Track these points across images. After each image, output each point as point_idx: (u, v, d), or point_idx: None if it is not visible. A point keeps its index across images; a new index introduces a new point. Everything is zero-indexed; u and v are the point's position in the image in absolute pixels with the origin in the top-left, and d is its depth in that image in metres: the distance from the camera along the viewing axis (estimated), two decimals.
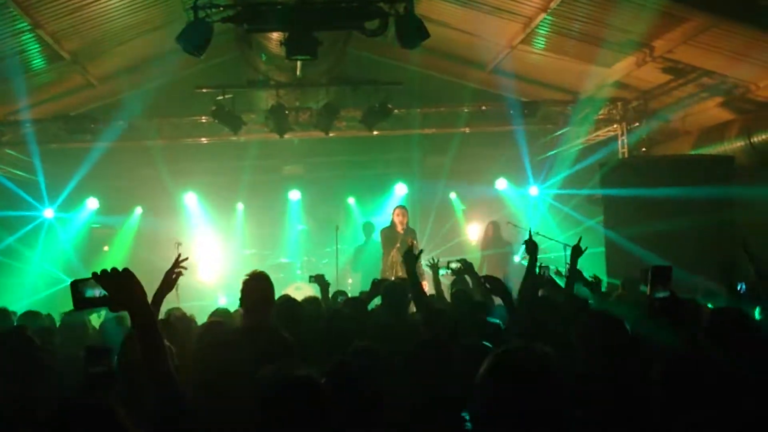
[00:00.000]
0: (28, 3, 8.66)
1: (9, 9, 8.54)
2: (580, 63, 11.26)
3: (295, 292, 9.16)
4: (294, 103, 12.67)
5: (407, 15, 7.78)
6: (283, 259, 14.06)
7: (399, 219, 10.60)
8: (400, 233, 10.46)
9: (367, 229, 12.90)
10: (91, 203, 14.33)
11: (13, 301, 9.84)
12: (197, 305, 10.25)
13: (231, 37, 11.28)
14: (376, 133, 12.87)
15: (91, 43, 10.60)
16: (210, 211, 15.00)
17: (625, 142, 12.69)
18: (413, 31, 7.85)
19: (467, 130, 13.13)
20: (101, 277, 2.49)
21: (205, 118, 12.47)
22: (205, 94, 11.76)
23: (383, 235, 10.74)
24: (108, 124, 12.44)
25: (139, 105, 12.52)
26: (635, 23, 9.34)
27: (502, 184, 14.57)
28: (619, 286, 7.83)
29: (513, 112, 12.51)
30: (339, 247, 12.44)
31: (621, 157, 12.47)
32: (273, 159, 15.23)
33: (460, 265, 6.69)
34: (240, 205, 15.27)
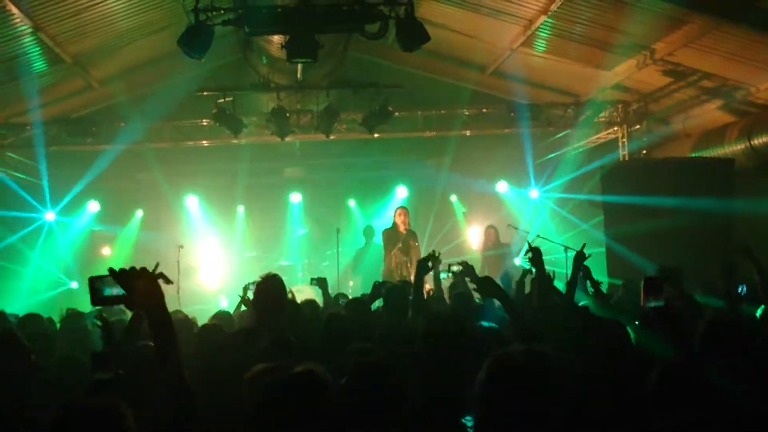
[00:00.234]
0: (29, 6, 8.68)
1: (10, 12, 8.55)
2: (580, 66, 11.27)
3: (296, 295, 9.14)
4: (295, 106, 12.68)
5: (408, 18, 7.78)
6: (283, 262, 14.05)
7: (401, 219, 10.58)
8: (402, 233, 10.42)
9: (367, 232, 12.90)
10: (92, 206, 14.31)
11: (10, 303, 9.84)
12: (198, 309, 10.23)
13: (232, 40, 11.30)
14: (376, 135, 12.89)
15: (92, 46, 10.60)
16: (211, 213, 15.01)
17: (626, 144, 12.70)
18: (414, 34, 7.86)
19: (468, 132, 13.14)
20: (119, 275, 2.44)
21: (206, 121, 12.51)
22: (206, 96, 11.79)
23: (385, 236, 10.71)
24: (109, 127, 12.48)
25: (139, 108, 12.55)
26: (636, 26, 9.34)
27: (502, 186, 14.57)
28: (621, 287, 7.81)
29: (513, 114, 12.53)
30: (340, 249, 12.44)
31: (621, 160, 12.48)
32: (274, 162, 15.25)
33: (461, 268, 6.66)
34: (241, 208, 15.28)
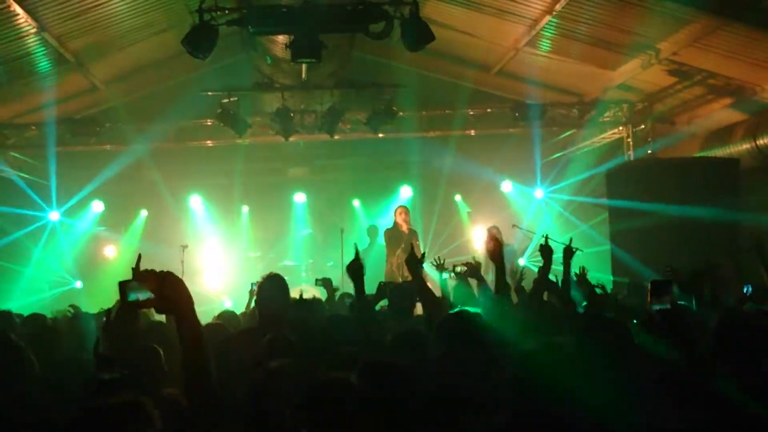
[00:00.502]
0: (33, 6, 8.68)
1: (15, 12, 8.56)
2: (585, 65, 11.26)
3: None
4: (299, 106, 12.67)
5: (412, 17, 7.78)
6: (288, 262, 14.03)
7: (402, 218, 10.54)
8: (405, 233, 10.37)
9: (371, 232, 12.89)
10: (96, 206, 14.31)
11: (14, 302, 9.85)
12: (201, 310, 10.18)
13: (236, 40, 11.30)
14: (381, 135, 12.88)
15: (96, 46, 10.61)
16: (215, 213, 14.99)
17: (631, 144, 12.67)
18: (419, 34, 7.86)
19: (472, 132, 13.12)
20: (147, 278, 2.36)
21: (211, 121, 12.51)
22: (211, 96, 11.79)
23: (387, 236, 10.69)
24: (113, 128, 12.48)
25: (144, 108, 12.55)
26: (641, 26, 9.32)
27: (507, 186, 14.54)
28: (626, 287, 7.80)
29: (518, 114, 12.50)
30: (344, 249, 12.41)
31: (626, 159, 12.44)
32: (278, 162, 15.25)
33: (465, 269, 6.64)
34: (245, 208, 15.26)
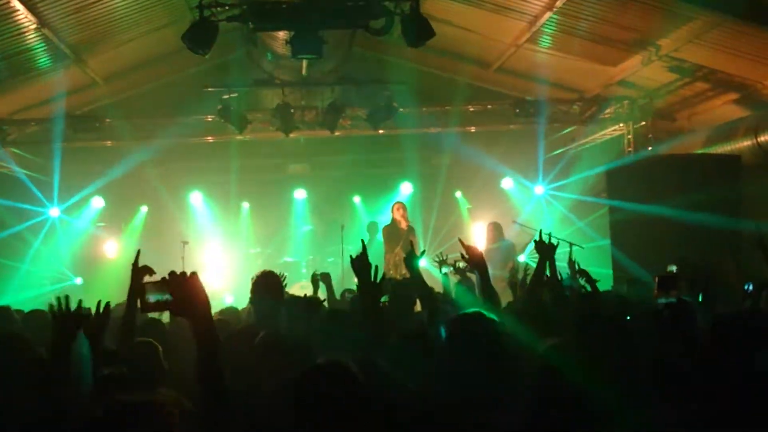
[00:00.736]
0: (33, 2, 8.65)
1: (15, 8, 8.54)
2: (586, 62, 11.24)
3: (301, 292, 9.14)
4: (299, 102, 12.67)
5: (413, 14, 7.77)
6: (288, 258, 14.06)
7: (400, 213, 10.48)
8: (403, 230, 10.31)
9: (371, 229, 12.89)
10: (97, 202, 14.30)
11: (13, 297, 9.85)
12: None
13: (236, 36, 11.27)
14: (381, 131, 12.88)
15: (96, 42, 10.60)
16: (215, 210, 15.01)
17: (632, 141, 12.66)
18: (419, 30, 7.85)
19: (472, 128, 13.11)
20: (168, 280, 2.35)
21: (211, 117, 12.48)
22: (211, 92, 11.78)
23: (385, 232, 10.65)
24: (113, 124, 12.47)
25: (144, 104, 12.54)
26: (641, 22, 9.32)
27: (507, 182, 14.54)
28: (626, 283, 7.79)
29: (518, 111, 12.48)
30: (344, 246, 12.43)
31: (627, 156, 12.43)
32: (278, 158, 15.25)
33: (467, 265, 6.63)
34: (245, 204, 15.27)
